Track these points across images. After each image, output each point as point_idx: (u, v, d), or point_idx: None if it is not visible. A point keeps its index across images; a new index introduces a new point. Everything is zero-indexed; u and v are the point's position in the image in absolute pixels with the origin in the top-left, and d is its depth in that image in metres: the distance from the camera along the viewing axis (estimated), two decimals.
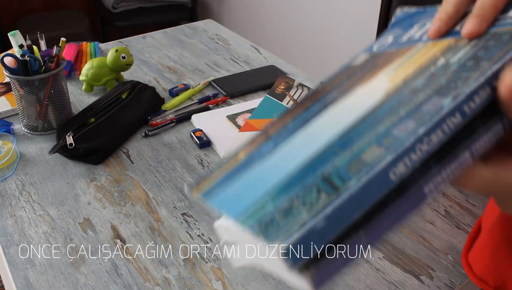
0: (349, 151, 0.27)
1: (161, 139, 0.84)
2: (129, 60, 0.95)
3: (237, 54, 1.15)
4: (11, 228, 0.65)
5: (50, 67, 0.80)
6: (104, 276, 0.58)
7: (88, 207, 0.69)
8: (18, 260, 0.60)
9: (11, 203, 0.69)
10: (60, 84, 0.82)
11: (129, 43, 1.21)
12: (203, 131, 0.84)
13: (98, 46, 1.14)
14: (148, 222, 0.66)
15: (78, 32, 2.51)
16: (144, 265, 0.60)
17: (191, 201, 0.70)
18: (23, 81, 0.78)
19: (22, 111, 0.83)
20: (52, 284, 0.57)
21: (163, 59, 1.13)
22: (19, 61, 0.77)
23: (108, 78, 0.95)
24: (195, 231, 0.65)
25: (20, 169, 0.76)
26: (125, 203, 0.70)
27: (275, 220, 0.25)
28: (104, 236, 0.64)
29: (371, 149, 0.27)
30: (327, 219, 0.24)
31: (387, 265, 0.61)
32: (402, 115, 0.28)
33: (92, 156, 0.77)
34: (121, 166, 0.77)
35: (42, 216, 0.67)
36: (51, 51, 0.83)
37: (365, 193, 0.25)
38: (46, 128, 0.84)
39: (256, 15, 2.43)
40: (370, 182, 0.25)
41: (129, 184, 0.73)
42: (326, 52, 2.05)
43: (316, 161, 0.28)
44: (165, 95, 0.97)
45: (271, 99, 0.93)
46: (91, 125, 0.81)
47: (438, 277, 0.59)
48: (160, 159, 0.79)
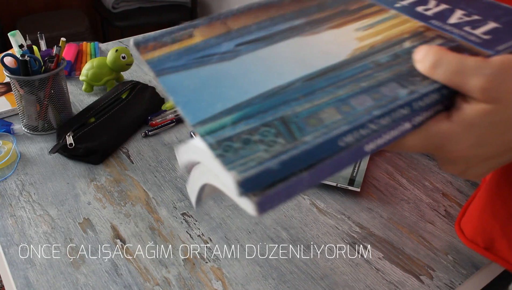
0: (309, 103, 0.31)
1: (161, 139, 0.84)
2: (129, 60, 0.95)
3: None
4: (11, 228, 0.65)
5: (50, 67, 0.80)
6: (104, 276, 0.58)
7: (88, 207, 0.69)
8: (18, 260, 0.60)
9: (11, 203, 0.69)
10: (60, 84, 0.82)
11: (129, 43, 1.21)
12: None
13: (98, 46, 1.14)
14: (148, 222, 0.66)
15: (78, 32, 2.51)
16: (144, 265, 0.60)
17: (191, 201, 0.70)
18: (23, 81, 0.78)
19: (22, 111, 0.83)
20: (52, 284, 0.57)
21: None
22: (19, 61, 0.77)
23: (108, 78, 0.95)
24: (195, 231, 0.65)
25: (20, 169, 0.76)
26: (125, 203, 0.70)
27: (232, 146, 0.28)
28: (104, 236, 0.64)
29: (329, 110, 0.31)
30: (282, 164, 0.28)
31: (387, 265, 0.61)
32: (362, 87, 0.32)
33: (92, 156, 0.77)
34: (121, 166, 0.77)
35: (42, 216, 0.67)
36: (51, 51, 0.83)
37: (317, 150, 0.29)
38: (46, 128, 0.84)
39: None
40: (323, 142, 0.29)
41: (129, 184, 0.73)
42: None
43: (277, 98, 0.32)
44: (165, 95, 0.97)
45: None
46: (91, 125, 0.81)
47: (438, 277, 0.59)
48: (160, 159, 0.79)
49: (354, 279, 0.59)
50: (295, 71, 0.34)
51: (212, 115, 0.30)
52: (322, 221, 0.67)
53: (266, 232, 0.65)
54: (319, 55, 0.35)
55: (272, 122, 0.30)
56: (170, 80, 0.33)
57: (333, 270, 0.60)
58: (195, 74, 0.33)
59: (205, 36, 0.37)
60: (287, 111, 0.30)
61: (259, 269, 0.60)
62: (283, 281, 0.58)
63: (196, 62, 0.34)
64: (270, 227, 0.66)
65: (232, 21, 0.38)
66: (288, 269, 0.60)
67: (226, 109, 0.31)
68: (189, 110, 0.31)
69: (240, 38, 0.37)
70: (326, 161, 0.29)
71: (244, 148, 0.28)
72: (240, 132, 0.29)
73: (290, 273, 0.59)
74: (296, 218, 0.68)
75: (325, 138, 0.29)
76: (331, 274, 0.59)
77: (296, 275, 0.59)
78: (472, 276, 0.59)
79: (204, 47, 0.36)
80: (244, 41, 0.37)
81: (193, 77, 0.33)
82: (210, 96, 0.32)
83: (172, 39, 0.36)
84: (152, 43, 0.36)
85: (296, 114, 0.30)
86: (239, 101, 0.31)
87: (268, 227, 0.66)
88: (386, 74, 0.33)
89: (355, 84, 0.32)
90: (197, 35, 0.37)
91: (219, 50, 0.36)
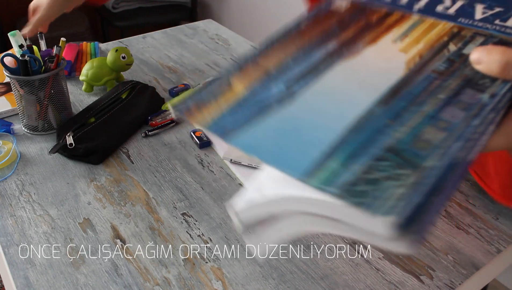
0: (404, 127, 0.31)
1: (161, 139, 0.84)
2: (129, 60, 0.95)
3: (237, 54, 1.15)
4: (11, 228, 0.65)
5: (50, 67, 0.80)
6: (104, 276, 0.58)
7: (88, 207, 0.69)
8: (18, 260, 0.60)
9: (11, 203, 0.69)
10: (60, 84, 0.82)
11: (129, 43, 1.21)
12: (203, 131, 0.84)
13: (98, 46, 1.14)
14: (148, 222, 0.66)
15: (78, 32, 2.51)
16: (144, 265, 0.60)
17: (191, 201, 0.70)
18: (23, 81, 0.78)
19: (22, 111, 0.83)
20: (52, 284, 0.57)
21: (163, 59, 1.13)
22: (19, 61, 0.77)
23: (108, 78, 0.95)
24: (195, 231, 0.65)
25: (20, 169, 0.76)
26: (125, 203, 0.70)
27: (364, 190, 0.27)
28: (104, 236, 0.64)
29: (429, 129, 0.30)
30: (425, 195, 0.27)
31: (387, 265, 0.61)
32: (443, 99, 0.32)
33: (92, 156, 0.77)
34: (121, 166, 0.77)
35: (42, 216, 0.67)
36: (51, 51, 0.83)
37: (445, 173, 0.28)
38: (46, 128, 0.84)
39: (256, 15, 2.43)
40: (449, 164, 0.28)
41: (129, 184, 0.73)
42: None
43: (368, 129, 0.31)
44: (165, 95, 0.97)
45: None
46: (91, 125, 0.81)
47: (438, 277, 0.59)
48: (160, 159, 0.79)
49: (354, 279, 0.59)
50: (362, 97, 0.33)
51: (314, 163, 0.29)
52: None
53: None
54: (376, 75, 0.35)
55: (383, 155, 0.29)
56: (242, 140, 0.31)
57: (333, 270, 0.60)
58: (263, 126, 0.32)
59: (246, 83, 0.35)
60: (388, 140, 0.30)
61: (259, 269, 0.60)
62: (283, 281, 0.58)
63: (256, 113, 0.33)
64: None
65: (264, 61, 0.37)
66: (288, 269, 0.60)
67: (323, 153, 0.29)
68: (287, 165, 0.29)
69: (284, 76, 0.35)
70: (449, 181, 0.28)
71: (376, 189, 0.27)
72: (359, 174, 0.28)
73: (290, 273, 0.59)
74: None
75: (449, 159, 0.28)
76: (331, 274, 0.59)
77: (296, 275, 0.59)
78: (472, 276, 0.59)
79: (253, 95, 0.34)
80: (291, 78, 0.35)
81: (264, 130, 0.31)
82: (296, 145, 0.30)
83: (213, 94, 0.34)
84: (193, 105, 0.34)
85: (400, 141, 0.30)
86: (331, 142, 0.30)
87: None
88: (454, 82, 0.33)
89: (434, 98, 0.32)
90: (236, 83, 0.35)
91: (271, 94, 0.34)
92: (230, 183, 0.74)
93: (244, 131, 0.31)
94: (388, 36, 0.38)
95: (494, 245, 0.64)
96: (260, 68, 0.36)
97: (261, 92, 0.34)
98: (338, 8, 0.42)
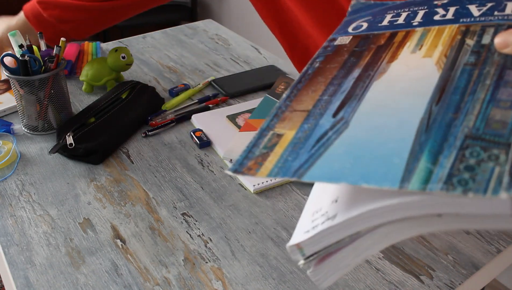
0: (470, 115, 0.32)
1: (161, 139, 0.84)
2: (129, 60, 0.95)
3: (237, 54, 1.15)
4: (11, 228, 0.65)
5: (50, 67, 0.80)
6: (104, 276, 0.58)
7: (88, 207, 0.69)
8: (18, 260, 0.60)
9: (11, 203, 0.69)
10: (60, 84, 0.82)
11: (129, 43, 1.21)
12: (203, 131, 0.84)
13: (99, 46, 1.14)
14: (148, 222, 0.66)
15: None
16: (144, 265, 0.60)
17: (191, 201, 0.70)
18: (23, 81, 0.78)
19: (22, 111, 0.83)
20: (52, 284, 0.57)
21: (163, 59, 1.13)
22: (19, 61, 0.77)
23: (108, 78, 0.95)
24: (195, 231, 0.65)
25: (20, 169, 0.76)
26: (125, 203, 0.70)
27: (458, 178, 0.28)
28: (104, 236, 0.64)
29: (496, 111, 0.32)
30: None
31: (387, 265, 0.61)
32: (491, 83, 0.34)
33: (92, 156, 0.77)
34: (121, 166, 0.77)
35: (42, 216, 0.67)
36: (51, 51, 0.83)
37: None
38: (46, 128, 0.84)
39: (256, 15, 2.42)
40: None
41: (129, 184, 0.73)
42: None
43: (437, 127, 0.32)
44: (165, 95, 0.97)
45: (271, 99, 0.93)
46: (91, 125, 0.81)
47: (438, 277, 0.59)
48: (160, 159, 0.79)
49: (354, 279, 0.59)
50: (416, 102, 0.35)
51: (405, 170, 0.30)
52: None
53: (266, 232, 0.65)
54: (414, 82, 0.36)
55: (466, 143, 0.30)
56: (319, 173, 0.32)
57: None
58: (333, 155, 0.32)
59: (293, 128, 0.36)
60: (462, 130, 0.31)
61: (259, 269, 0.60)
62: (283, 281, 0.58)
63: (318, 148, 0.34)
64: (270, 227, 0.66)
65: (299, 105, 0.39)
66: (288, 269, 0.60)
67: (409, 160, 0.30)
68: (380, 180, 0.29)
69: (328, 111, 0.37)
70: None
71: (476, 173, 0.28)
72: (453, 166, 0.29)
73: (290, 273, 0.59)
74: (296, 218, 0.68)
75: None
76: None
77: (296, 275, 0.59)
78: (472, 276, 0.59)
79: (305, 134, 0.35)
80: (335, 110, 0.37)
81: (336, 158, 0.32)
82: (377, 161, 0.31)
83: (265, 148, 0.35)
84: (251, 163, 0.34)
85: (474, 128, 0.31)
86: (409, 148, 0.31)
87: (268, 227, 0.66)
88: (491, 68, 0.35)
89: (482, 85, 0.34)
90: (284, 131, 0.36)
91: (323, 128, 0.35)
92: (230, 183, 0.74)
93: (316, 165, 0.32)
94: (404, 50, 0.40)
95: (494, 245, 0.64)
96: (299, 112, 0.38)
97: (313, 130, 0.36)
98: (343, 44, 0.44)
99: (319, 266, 0.35)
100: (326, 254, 0.34)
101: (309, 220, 0.36)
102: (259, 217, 0.68)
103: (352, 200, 0.33)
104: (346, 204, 0.33)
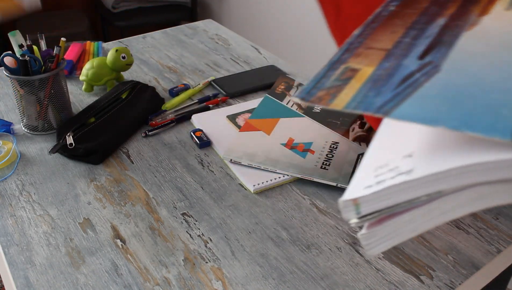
0: None
1: (161, 139, 0.84)
2: (129, 60, 0.95)
3: (237, 54, 1.15)
4: (11, 228, 0.65)
5: (50, 67, 0.80)
6: (104, 276, 0.58)
7: (88, 207, 0.69)
8: (18, 260, 0.60)
9: (11, 203, 0.69)
10: (60, 84, 0.82)
11: (129, 43, 1.21)
12: (203, 131, 0.84)
13: (101, 46, 1.14)
14: (148, 222, 0.66)
15: (78, 32, 2.51)
16: (144, 265, 0.60)
17: (191, 201, 0.70)
18: (23, 81, 0.78)
19: (22, 111, 0.83)
20: (52, 284, 0.57)
21: (163, 59, 1.13)
22: (19, 61, 0.77)
23: (108, 78, 0.95)
24: (195, 231, 0.65)
25: (20, 169, 0.76)
26: (125, 203, 0.70)
27: None
28: (104, 236, 0.64)
29: None
30: None
31: (387, 265, 0.61)
32: None
33: (92, 156, 0.77)
34: (121, 166, 0.77)
35: (42, 216, 0.67)
36: (51, 51, 0.83)
37: None
38: (46, 128, 0.84)
39: (256, 15, 2.43)
40: None
41: (129, 184, 0.73)
42: (326, 52, 2.05)
43: None
44: (165, 95, 0.97)
45: (271, 99, 0.93)
46: (91, 125, 0.81)
47: (438, 277, 0.59)
48: (160, 159, 0.79)
49: (354, 279, 0.59)
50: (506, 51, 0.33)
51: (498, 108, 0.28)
52: (322, 221, 0.67)
53: (266, 232, 0.65)
54: None
55: None
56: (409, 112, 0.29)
57: (333, 270, 0.60)
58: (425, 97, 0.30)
59: (371, 64, 0.35)
60: None
61: (259, 269, 0.60)
62: (283, 281, 0.58)
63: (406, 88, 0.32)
64: (270, 227, 0.66)
65: (376, 43, 0.38)
66: (288, 269, 0.60)
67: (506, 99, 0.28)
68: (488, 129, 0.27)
69: (412, 53, 0.36)
70: None
71: None
72: None
73: (290, 273, 0.59)
74: (296, 218, 0.68)
75: None
76: (331, 274, 0.59)
77: (296, 275, 0.59)
78: (472, 276, 0.59)
79: (388, 74, 0.34)
80: (420, 53, 0.36)
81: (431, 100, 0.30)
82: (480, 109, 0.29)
83: (339, 80, 0.34)
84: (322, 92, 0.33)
85: None
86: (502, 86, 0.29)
87: (268, 227, 0.66)
88: None
89: None
90: (358, 66, 0.35)
91: (409, 70, 0.34)
92: (230, 183, 0.74)
93: (405, 104, 0.30)
94: (497, 6, 0.39)
95: (494, 245, 0.64)
96: (376, 50, 0.37)
97: (396, 69, 0.34)
98: None
99: (375, 228, 0.31)
100: (389, 214, 0.30)
101: (371, 175, 0.32)
102: (259, 217, 0.68)
103: (434, 154, 0.30)
104: (427, 158, 0.30)
